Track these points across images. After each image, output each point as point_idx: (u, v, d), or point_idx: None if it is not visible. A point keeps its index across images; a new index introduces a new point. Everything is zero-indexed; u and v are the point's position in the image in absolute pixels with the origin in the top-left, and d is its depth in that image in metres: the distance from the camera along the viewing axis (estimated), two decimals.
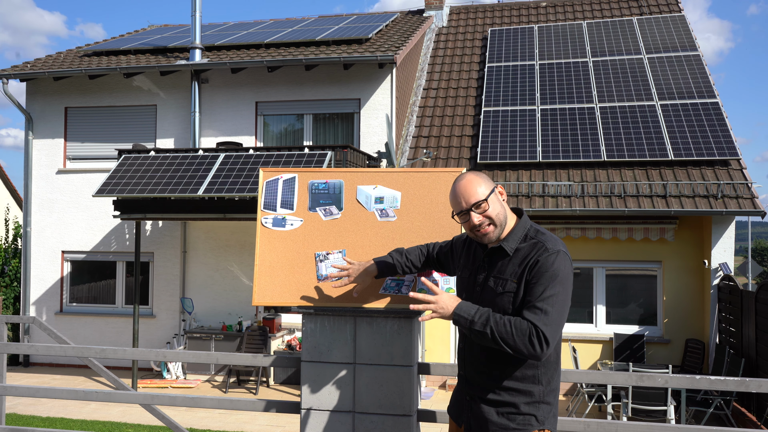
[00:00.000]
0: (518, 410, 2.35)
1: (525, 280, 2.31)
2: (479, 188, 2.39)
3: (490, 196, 2.40)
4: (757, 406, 7.91)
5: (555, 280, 2.26)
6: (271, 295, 3.12)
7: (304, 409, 3.11)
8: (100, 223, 11.82)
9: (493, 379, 2.40)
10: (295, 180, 3.25)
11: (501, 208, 2.43)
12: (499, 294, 2.36)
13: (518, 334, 2.20)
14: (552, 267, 2.28)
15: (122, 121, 12.06)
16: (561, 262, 2.30)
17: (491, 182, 2.45)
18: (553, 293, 2.25)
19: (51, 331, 4.10)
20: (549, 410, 2.39)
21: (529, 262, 2.32)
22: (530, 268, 2.31)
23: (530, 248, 2.36)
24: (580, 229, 9.73)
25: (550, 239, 2.37)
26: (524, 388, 2.35)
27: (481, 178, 2.43)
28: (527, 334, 2.19)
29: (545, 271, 2.27)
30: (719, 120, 10.18)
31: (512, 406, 2.35)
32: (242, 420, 8.22)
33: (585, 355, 9.71)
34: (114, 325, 11.72)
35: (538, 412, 2.35)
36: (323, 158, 9.15)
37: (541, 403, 2.36)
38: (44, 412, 8.43)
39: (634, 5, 14.13)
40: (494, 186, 2.45)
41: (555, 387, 2.42)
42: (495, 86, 11.87)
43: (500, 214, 2.42)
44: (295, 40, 11.87)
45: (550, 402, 2.39)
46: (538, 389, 2.36)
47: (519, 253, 2.39)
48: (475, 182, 2.41)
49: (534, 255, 2.32)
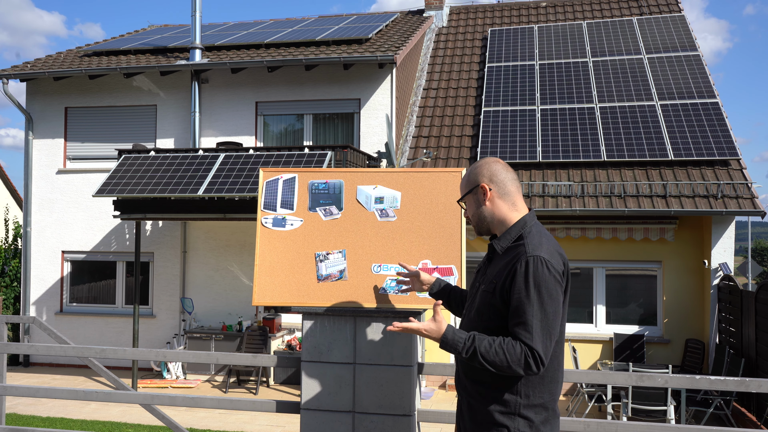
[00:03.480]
0: (493, 419, 2.24)
1: (503, 286, 2.22)
2: (462, 186, 2.47)
3: (466, 196, 2.43)
4: (757, 406, 7.91)
5: (539, 289, 2.15)
6: (271, 295, 3.12)
7: (304, 409, 3.11)
8: (100, 223, 11.82)
9: (474, 384, 2.34)
10: (295, 180, 3.25)
11: (477, 209, 2.40)
12: (482, 291, 2.33)
13: (512, 359, 2.12)
14: (533, 276, 2.16)
15: (122, 121, 12.06)
16: (536, 266, 2.16)
17: (476, 179, 2.40)
18: (539, 306, 2.14)
19: (51, 331, 4.10)
20: (527, 426, 2.21)
21: (510, 268, 2.23)
22: (511, 276, 2.21)
23: (513, 253, 2.27)
24: (580, 229, 9.73)
25: (533, 243, 2.24)
26: (500, 396, 2.24)
27: (466, 177, 2.44)
28: (522, 357, 2.12)
29: (527, 281, 2.16)
30: (719, 120, 10.18)
31: (488, 413, 2.26)
32: (242, 420, 8.22)
33: (585, 355, 9.71)
34: (114, 325, 11.72)
35: (512, 424, 2.21)
36: (323, 158, 9.15)
37: (516, 415, 2.21)
38: (44, 412, 8.43)
39: (634, 5, 14.13)
40: (475, 185, 2.39)
41: (537, 403, 2.23)
42: (495, 86, 11.87)
43: (476, 215, 2.41)
44: (295, 40, 11.87)
45: (529, 418, 2.21)
46: (513, 400, 2.22)
47: (507, 253, 2.31)
48: (463, 179, 2.47)
49: (513, 262, 2.22)
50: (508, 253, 2.31)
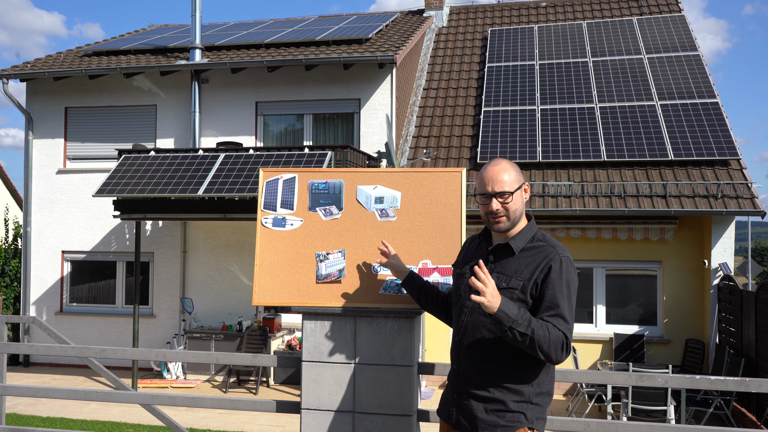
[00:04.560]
0: (507, 408, 2.38)
1: (535, 282, 2.36)
2: (509, 179, 2.44)
3: (516, 191, 2.45)
4: (757, 406, 7.91)
5: (570, 288, 2.36)
6: (271, 295, 3.12)
7: (304, 409, 3.11)
8: (100, 223, 11.82)
9: (484, 375, 2.42)
10: (295, 180, 3.25)
11: (521, 206, 2.49)
12: (502, 289, 2.38)
13: (554, 341, 2.26)
14: (565, 274, 2.36)
15: (122, 121, 12.06)
16: (572, 268, 2.39)
17: (522, 177, 2.50)
18: (570, 302, 2.34)
19: (51, 331, 4.10)
20: (538, 411, 2.41)
21: (542, 266, 2.37)
22: (544, 273, 2.36)
23: (540, 252, 2.41)
24: (580, 229, 9.73)
25: (559, 246, 2.43)
26: (515, 387, 2.38)
27: (514, 170, 2.47)
28: (561, 343, 2.27)
29: (560, 278, 2.34)
30: (719, 120, 10.18)
31: (501, 403, 2.38)
32: (242, 420, 8.22)
33: (585, 355, 9.71)
34: (114, 325, 11.72)
35: (528, 411, 2.38)
36: (323, 158, 9.15)
37: (529, 403, 2.39)
38: (44, 412, 8.43)
39: (634, 5, 14.13)
40: (523, 182, 2.49)
41: (545, 391, 2.43)
42: (495, 86, 11.87)
43: (517, 210, 2.47)
44: (295, 40, 11.87)
45: (539, 404, 2.42)
46: (527, 389, 2.39)
47: (525, 253, 2.43)
48: (507, 172, 2.45)
49: (547, 260, 2.38)
50: (528, 252, 2.43)
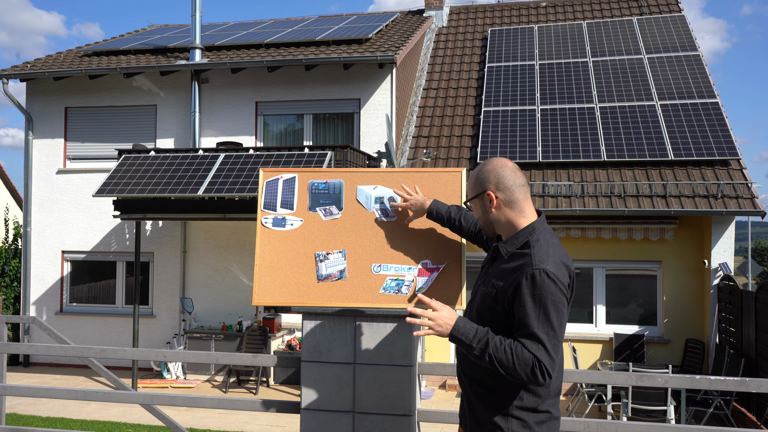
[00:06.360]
0: (488, 418, 2.25)
1: (508, 297, 2.20)
2: (468, 187, 2.46)
3: (473, 199, 2.42)
4: (757, 406, 7.91)
5: (542, 301, 2.13)
6: (271, 295, 3.12)
7: (304, 409, 3.11)
8: (100, 223, 11.82)
9: (470, 381, 2.35)
10: (295, 180, 3.25)
11: (483, 214, 2.39)
12: (483, 293, 2.33)
13: (520, 363, 2.10)
14: (537, 289, 2.13)
15: (122, 121, 12.05)
16: (542, 280, 2.14)
17: (483, 185, 2.36)
18: (542, 318, 2.12)
19: (51, 331, 4.10)
20: (521, 426, 2.21)
21: (513, 280, 2.19)
22: (514, 287, 2.18)
23: (520, 261, 2.23)
24: (580, 229, 9.73)
25: (539, 254, 2.20)
26: (494, 396, 2.25)
27: (474, 178, 2.40)
28: (530, 366, 2.10)
29: (530, 294, 2.14)
30: (719, 120, 10.18)
31: (484, 413, 2.27)
32: (242, 420, 8.22)
33: (585, 355, 9.71)
34: (114, 325, 11.72)
35: (506, 424, 2.21)
36: (323, 158, 9.15)
37: (510, 416, 2.22)
38: (44, 412, 8.43)
39: (634, 5, 14.13)
40: (482, 191, 2.36)
41: (533, 407, 2.23)
42: (495, 86, 11.87)
43: (482, 219, 2.41)
44: (295, 40, 11.87)
45: (524, 419, 2.21)
46: (508, 401, 2.23)
47: (513, 259, 2.27)
48: (470, 179, 2.44)
49: (517, 274, 2.19)
50: (513, 258, 2.28)
